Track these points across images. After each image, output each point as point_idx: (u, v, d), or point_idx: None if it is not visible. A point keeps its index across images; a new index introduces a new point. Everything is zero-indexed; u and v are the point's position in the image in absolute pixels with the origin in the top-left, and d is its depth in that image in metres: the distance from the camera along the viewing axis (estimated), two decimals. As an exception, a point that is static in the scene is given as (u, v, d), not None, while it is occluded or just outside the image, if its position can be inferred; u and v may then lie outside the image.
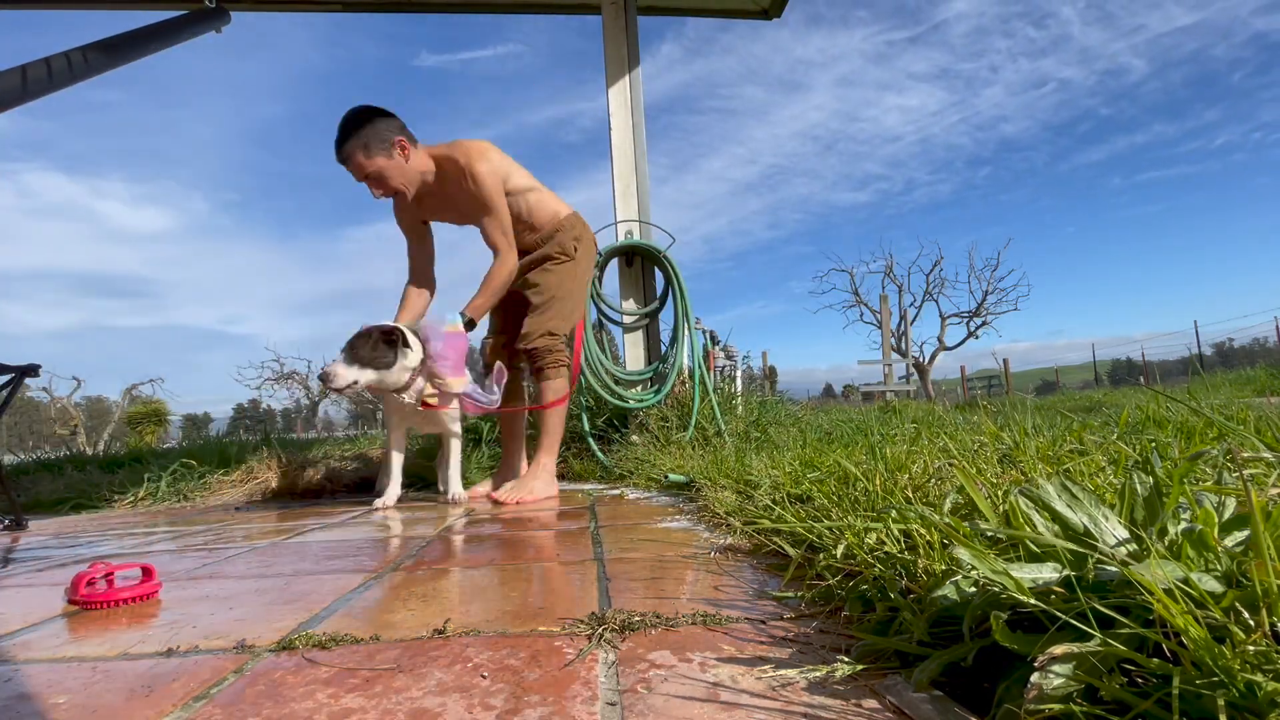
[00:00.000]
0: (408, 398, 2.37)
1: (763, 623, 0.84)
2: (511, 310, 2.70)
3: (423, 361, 2.37)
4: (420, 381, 2.38)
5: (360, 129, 2.33)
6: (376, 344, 2.29)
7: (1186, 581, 0.50)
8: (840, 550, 0.91)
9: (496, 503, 2.37)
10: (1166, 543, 0.60)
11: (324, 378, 2.27)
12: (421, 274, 2.68)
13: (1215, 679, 0.45)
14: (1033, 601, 0.57)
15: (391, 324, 2.33)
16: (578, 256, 2.68)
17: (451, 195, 2.50)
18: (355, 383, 2.26)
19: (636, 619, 0.85)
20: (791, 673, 0.67)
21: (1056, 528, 0.67)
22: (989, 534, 0.74)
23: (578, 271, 2.69)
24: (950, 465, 1.21)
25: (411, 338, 2.35)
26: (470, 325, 2.44)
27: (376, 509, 2.35)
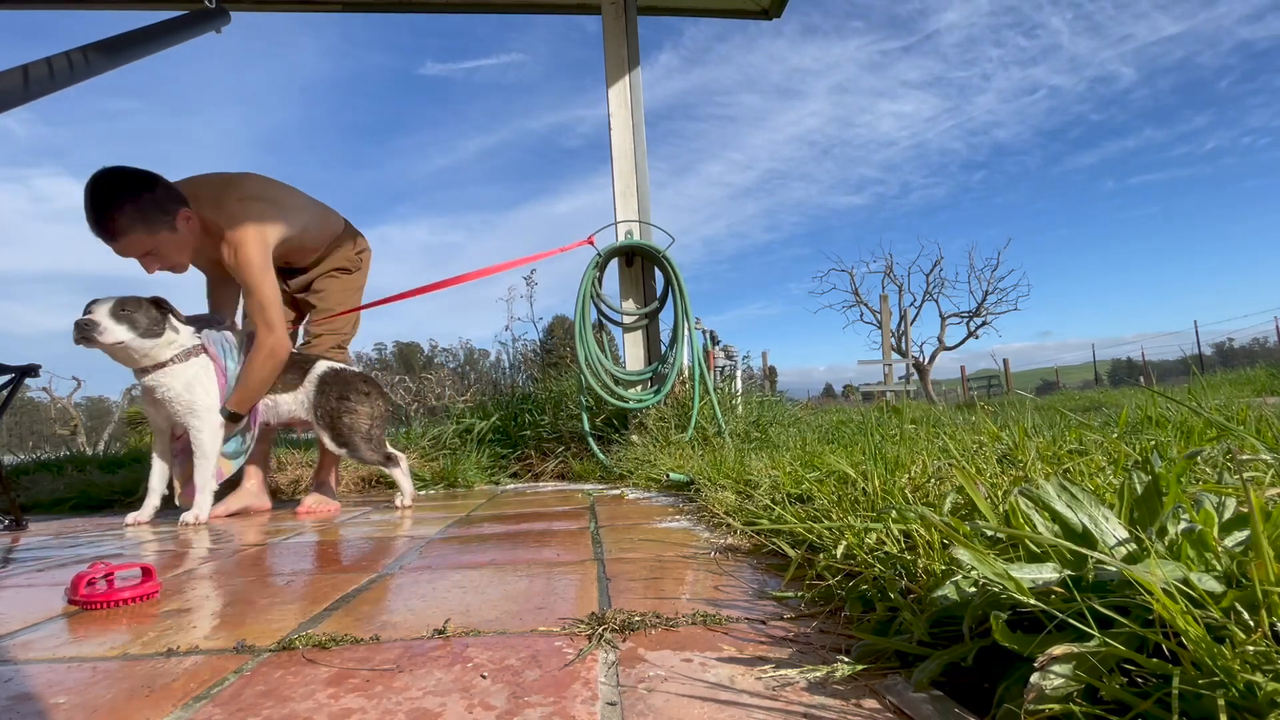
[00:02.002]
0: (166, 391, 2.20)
1: (763, 623, 0.84)
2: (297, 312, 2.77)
3: (194, 351, 2.27)
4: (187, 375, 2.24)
5: (137, 195, 2.04)
6: (147, 308, 2.16)
7: (1186, 581, 0.50)
8: (840, 550, 0.91)
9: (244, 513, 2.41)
10: (1166, 543, 0.60)
11: (84, 326, 2.04)
12: (219, 310, 2.59)
13: (1215, 679, 0.45)
14: (1033, 602, 0.57)
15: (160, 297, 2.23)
16: (362, 268, 2.79)
17: (216, 255, 2.32)
18: (121, 343, 2.10)
19: (636, 619, 0.85)
20: (791, 673, 0.67)
21: (1056, 528, 0.67)
22: (989, 534, 0.74)
23: (359, 284, 2.79)
24: (950, 465, 1.21)
25: (181, 325, 2.25)
26: (234, 418, 2.34)
27: (128, 524, 2.27)
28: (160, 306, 2.23)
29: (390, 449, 2.52)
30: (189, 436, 2.30)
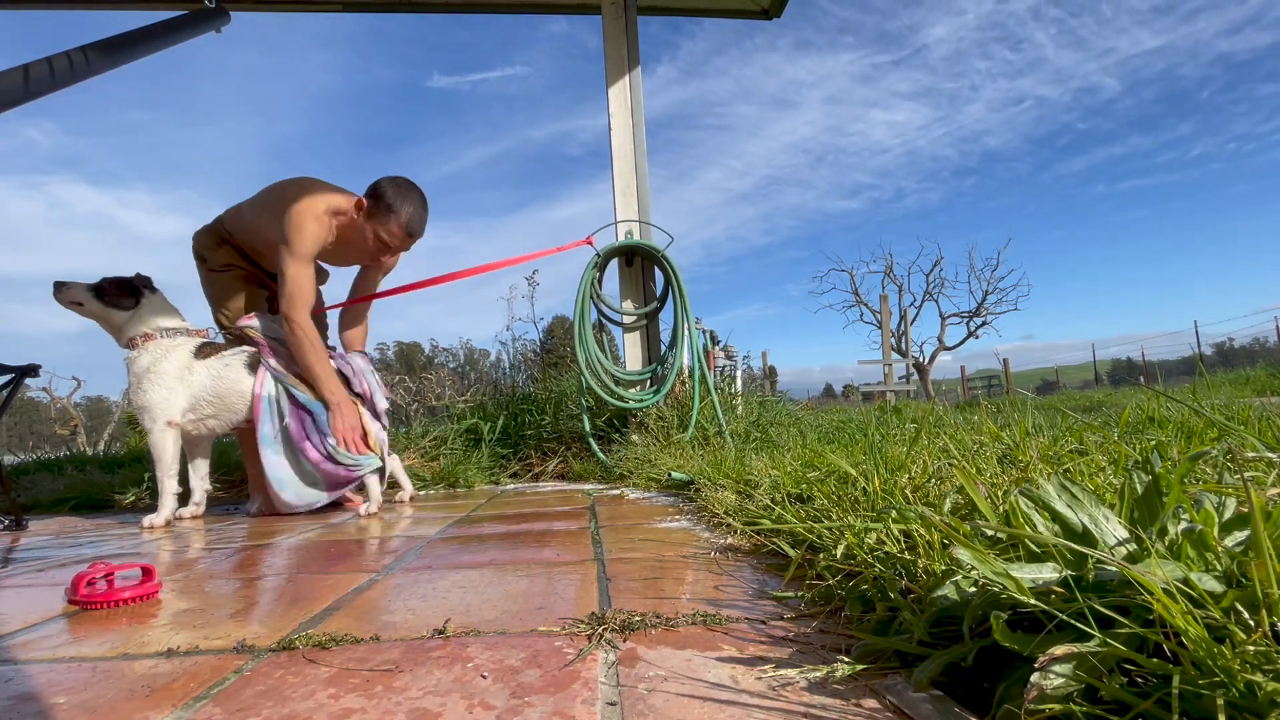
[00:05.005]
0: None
1: (763, 623, 0.84)
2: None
3: (188, 331, 2.39)
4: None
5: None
6: (121, 286, 2.35)
7: (1186, 581, 0.50)
8: (840, 550, 0.91)
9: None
10: (1166, 543, 0.59)
11: (57, 285, 2.31)
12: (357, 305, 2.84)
13: (1215, 679, 0.45)
14: (1033, 601, 0.57)
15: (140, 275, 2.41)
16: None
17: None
18: (81, 304, 2.31)
19: (636, 619, 0.85)
20: (791, 673, 0.67)
21: (1056, 527, 0.67)
22: (989, 534, 0.74)
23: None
24: (950, 465, 1.21)
25: (156, 297, 2.39)
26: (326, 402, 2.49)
27: (145, 525, 2.21)
28: (135, 282, 2.36)
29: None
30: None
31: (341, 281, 3.08)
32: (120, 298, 2.32)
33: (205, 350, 2.38)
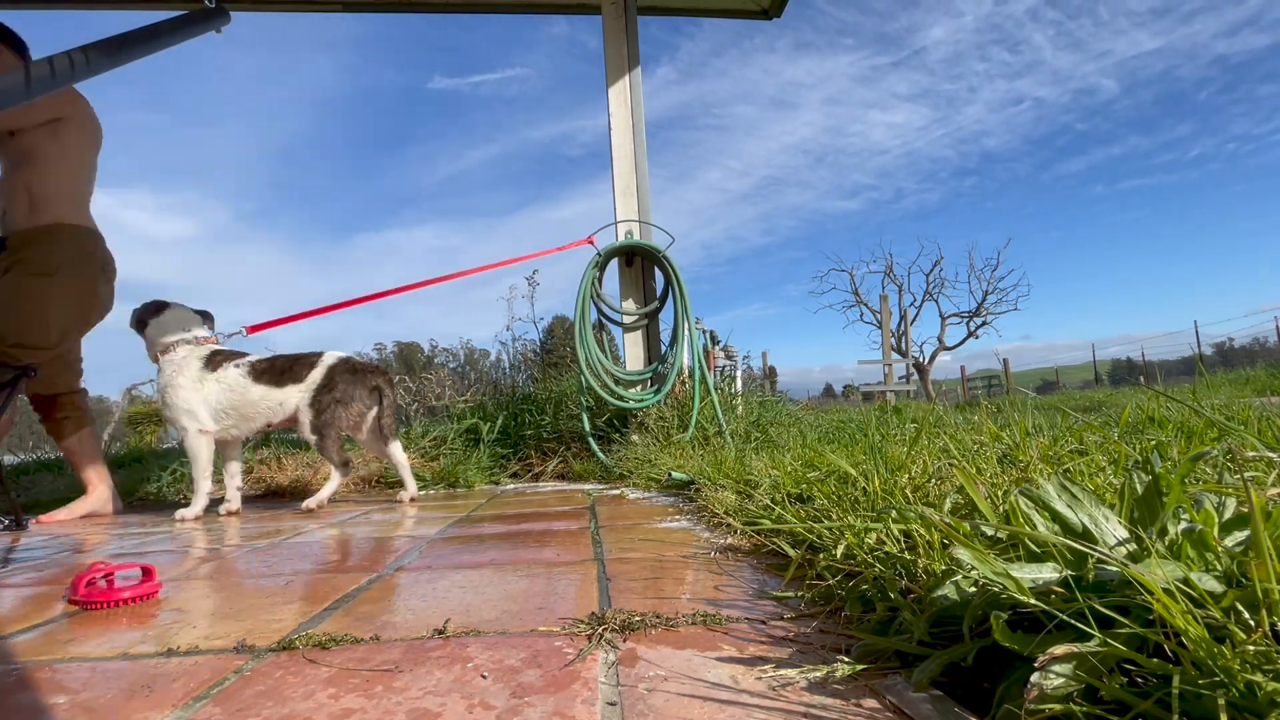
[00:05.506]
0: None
1: (763, 623, 0.84)
2: None
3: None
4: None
5: None
6: (145, 307, 2.52)
7: (1186, 581, 0.50)
8: (840, 550, 0.91)
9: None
10: (1166, 543, 0.59)
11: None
12: None
13: (1215, 679, 0.45)
14: (1033, 601, 0.57)
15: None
16: (57, 276, 2.41)
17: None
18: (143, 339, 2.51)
19: (636, 619, 0.85)
20: (791, 673, 0.67)
21: (1056, 527, 0.67)
22: (989, 534, 0.73)
23: (51, 292, 2.39)
24: (950, 465, 1.21)
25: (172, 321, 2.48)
26: None
27: (178, 518, 2.35)
28: (156, 306, 2.51)
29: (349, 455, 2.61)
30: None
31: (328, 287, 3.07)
32: (140, 327, 2.50)
33: (216, 360, 2.45)
